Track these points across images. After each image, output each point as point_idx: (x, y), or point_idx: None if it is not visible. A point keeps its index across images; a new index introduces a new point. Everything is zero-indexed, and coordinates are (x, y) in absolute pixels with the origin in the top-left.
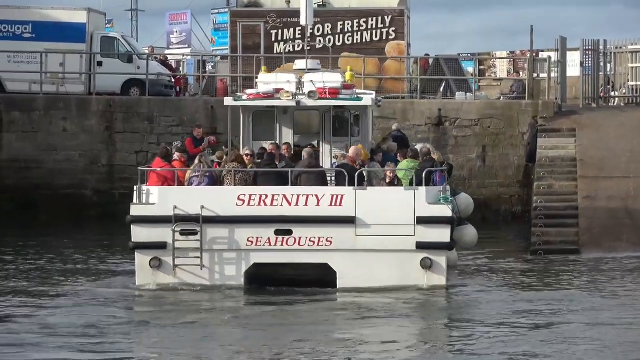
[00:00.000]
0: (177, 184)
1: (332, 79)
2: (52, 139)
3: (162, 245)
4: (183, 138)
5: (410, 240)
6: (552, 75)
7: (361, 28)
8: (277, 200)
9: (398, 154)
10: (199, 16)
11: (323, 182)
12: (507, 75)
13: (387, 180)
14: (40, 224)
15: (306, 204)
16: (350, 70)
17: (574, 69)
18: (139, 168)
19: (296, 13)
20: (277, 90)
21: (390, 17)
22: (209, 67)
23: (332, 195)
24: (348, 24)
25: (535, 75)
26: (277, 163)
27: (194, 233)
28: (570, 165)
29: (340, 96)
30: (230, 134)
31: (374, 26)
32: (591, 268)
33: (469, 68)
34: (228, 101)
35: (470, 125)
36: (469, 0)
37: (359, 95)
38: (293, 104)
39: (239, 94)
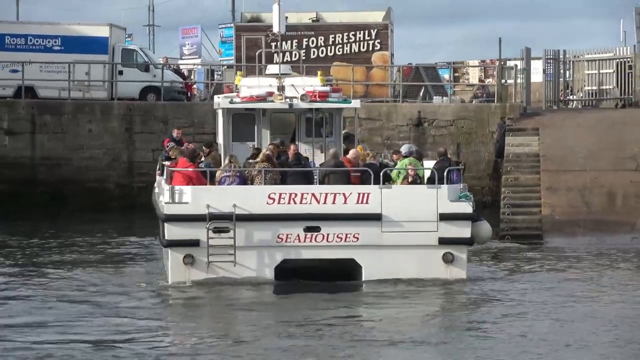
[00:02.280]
0: (203, 183)
1: (313, 83)
2: (79, 139)
3: (195, 243)
4: (193, 139)
5: (433, 235)
6: (518, 81)
7: (350, 40)
8: (306, 198)
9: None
10: (208, 30)
11: (348, 181)
12: (478, 82)
13: (410, 180)
14: (69, 214)
15: (334, 202)
16: (320, 75)
17: (537, 76)
18: (167, 168)
19: (293, 27)
20: (270, 94)
21: (376, 30)
22: (216, 75)
23: (359, 194)
24: (339, 37)
25: (503, 81)
26: (303, 163)
27: (227, 230)
28: (534, 161)
29: (329, 99)
30: (224, 135)
31: (361, 38)
32: (555, 253)
33: (445, 75)
34: (224, 103)
35: (446, 126)
36: (447, 15)
37: (346, 99)
38: (286, 106)
39: (218, 96)
